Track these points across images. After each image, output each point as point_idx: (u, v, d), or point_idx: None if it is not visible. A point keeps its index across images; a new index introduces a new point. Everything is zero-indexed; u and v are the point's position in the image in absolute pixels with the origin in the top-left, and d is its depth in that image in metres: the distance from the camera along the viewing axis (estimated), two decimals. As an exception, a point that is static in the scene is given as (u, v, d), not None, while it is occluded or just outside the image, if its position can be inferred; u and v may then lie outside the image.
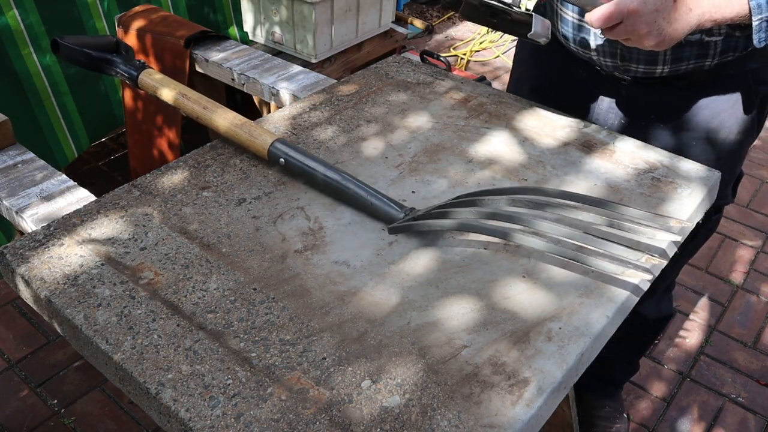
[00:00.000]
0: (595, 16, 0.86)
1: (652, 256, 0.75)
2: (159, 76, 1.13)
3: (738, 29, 1.01)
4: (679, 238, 0.81)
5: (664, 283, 1.40)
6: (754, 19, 0.90)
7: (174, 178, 1.00)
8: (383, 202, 0.92)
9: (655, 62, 1.08)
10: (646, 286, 0.84)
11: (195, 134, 2.17)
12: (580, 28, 1.11)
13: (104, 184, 2.45)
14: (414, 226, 0.88)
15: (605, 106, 1.21)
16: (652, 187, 1.00)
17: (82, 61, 1.16)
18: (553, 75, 1.27)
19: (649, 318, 1.45)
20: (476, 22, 1.01)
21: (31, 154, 1.19)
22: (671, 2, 0.85)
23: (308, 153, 0.98)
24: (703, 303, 2.12)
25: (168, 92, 1.10)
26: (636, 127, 1.19)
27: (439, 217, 0.88)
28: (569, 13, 1.11)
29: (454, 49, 3.60)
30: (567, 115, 1.17)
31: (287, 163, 0.98)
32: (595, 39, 1.10)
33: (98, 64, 1.17)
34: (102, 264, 0.84)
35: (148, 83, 1.13)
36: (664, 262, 0.76)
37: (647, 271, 0.78)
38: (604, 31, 0.88)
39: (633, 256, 0.75)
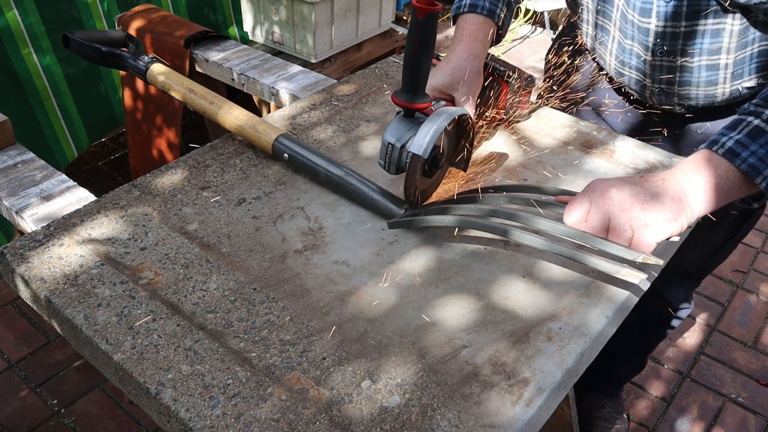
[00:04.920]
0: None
1: (649, 256, 0.75)
2: (167, 70, 1.13)
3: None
4: (678, 238, 0.81)
5: (698, 272, 1.38)
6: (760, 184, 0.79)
7: (174, 178, 1.00)
8: (385, 197, 0.92)
9: (714, 102, 1.07)
10: (646, 286, 0.84)
11: (195, 134, 2.18)
12: (636, 82, 1.10)
13: (104, 184, 2.45)
14: (414, 221, 0.88)
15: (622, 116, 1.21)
16: (652, 187, 0.99)
17: (93, 56, 1.17)
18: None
19: (674, 306, 1.44)
20: None
21: (31, 154, 1.19)
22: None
23: (312, 148, 0.98)
24: (703, 303, 2.12)
25: (176, 87, 1.10)
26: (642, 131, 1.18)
27: (439, 213, 0.88)
28: (627, 71, 1.10)
29: (454, 49, 3.60)
30: (567, 114, 1.17)
31: (291, 158, 0.98)
32: (651, 96, 1.10)
33: (108, 59, 1.18)
34: (102, 264, 0.84)
35: (157, 78, 1.13)
36: (662, 263, 0.76)
37: (646, 271, 0.78)
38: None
39: (632, 255, 0.75)
